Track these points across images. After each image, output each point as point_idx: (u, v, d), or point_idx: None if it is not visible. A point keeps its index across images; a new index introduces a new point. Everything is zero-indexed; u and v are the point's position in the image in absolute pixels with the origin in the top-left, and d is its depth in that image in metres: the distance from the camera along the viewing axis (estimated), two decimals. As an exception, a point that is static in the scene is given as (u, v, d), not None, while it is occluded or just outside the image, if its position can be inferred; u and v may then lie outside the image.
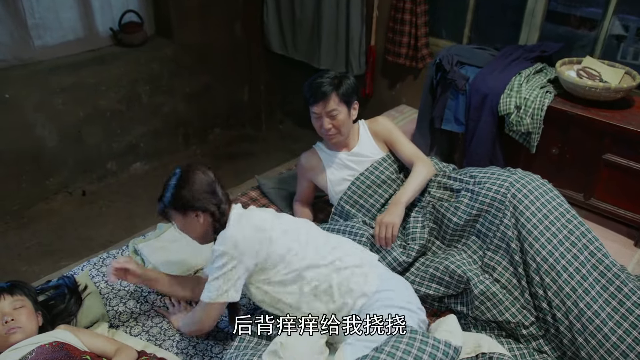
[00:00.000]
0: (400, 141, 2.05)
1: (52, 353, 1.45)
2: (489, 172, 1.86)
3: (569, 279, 1.60)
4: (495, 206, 1.76)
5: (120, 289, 1.88)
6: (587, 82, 2.11)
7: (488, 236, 1.79)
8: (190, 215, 1.63)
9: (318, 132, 2.06)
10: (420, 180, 1.93)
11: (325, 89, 1.94)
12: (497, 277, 1.74)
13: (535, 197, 1.73)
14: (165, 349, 1.66)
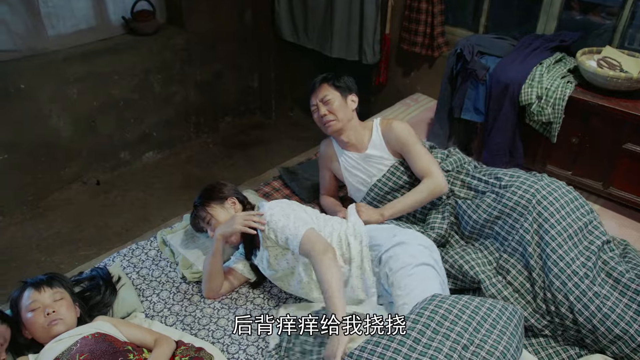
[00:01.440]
0: (413, 153, 1.98)
1: (96, 344, 1.49)
2: (515, 175, 1.86)
3: (592, 285, 1.63)
4: (518, 210, 1.77)
5: (152, 280, 1.92)
6: (608, 73, 2.13)
7: (507, 239, 1.81)
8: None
9: (319, 125, 2.11)
10: (417, 200, 1.93)
11: (317, 80, 2.09)
12: (511, 280, 1.75)
13: (561, 206, 1.74)
14: (201, 339, 1.70)
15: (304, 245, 1.67)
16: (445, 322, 1.36)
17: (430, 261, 1.64)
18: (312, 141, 4.10)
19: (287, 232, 1.72)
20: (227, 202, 1.93)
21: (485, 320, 1.40)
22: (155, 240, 2.12)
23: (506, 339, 1.38)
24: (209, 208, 1.89)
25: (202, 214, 1.90)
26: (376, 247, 1.73)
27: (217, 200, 1.92)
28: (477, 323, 1.38)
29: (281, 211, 1.78)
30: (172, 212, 3.32)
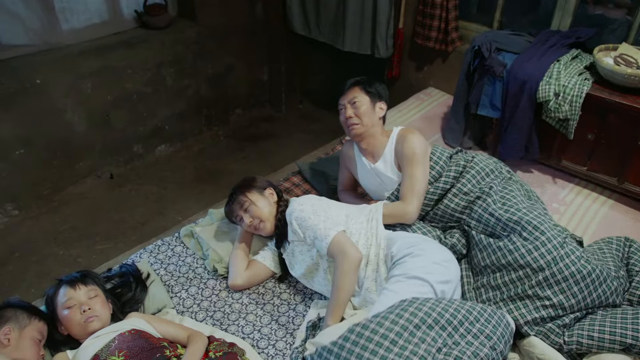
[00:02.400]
0: (408, 173, 1.94)
1: (133, 341, 1.53)
2: (539, 229, 1.73)
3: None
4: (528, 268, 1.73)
5: (180, 276, 1.96)
6: (626, 70, 2.15)
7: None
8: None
9: (344, 126, 2.10)
10: (384, 214, 1.91)
11: (349, 82, 2.08)
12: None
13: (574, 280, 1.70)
14: (231, 334, 1.74)
15: (333, 247, 1.72)
16: (422, 326, 1.42)
17: (428, 277, 1.62)
18: (322, 133, 4.13)
19: (316, 232, 1.75)
20: (265, 191, 1.98)
21: (462, 324, 1.46)
22: (179, 236, 2.15)
23: (481, 339, 1.44)
24: (249, 194, 1.94)
25: (241, 199, 1.93)
26: (391, 254, 1.76)
27: (256, 188, 1.97)
28: (452, 327, 1.45)
29: (311, 208, 1.81)
30: (186, 206, 3.37)
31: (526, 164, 2.57)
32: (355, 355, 1.36)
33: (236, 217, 1.96)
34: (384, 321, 1.41)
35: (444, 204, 1.97)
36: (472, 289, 1.80)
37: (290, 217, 1.85)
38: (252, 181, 2.02)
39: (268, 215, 1.92)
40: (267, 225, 1.90)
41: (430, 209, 2.00)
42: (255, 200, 1.93)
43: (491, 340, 1.44)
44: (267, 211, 1.93)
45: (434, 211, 1.99)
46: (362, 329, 1.40)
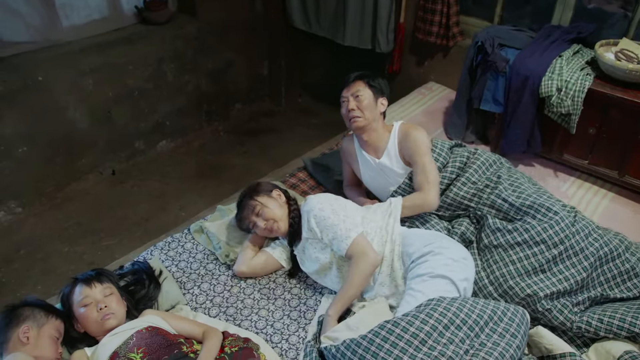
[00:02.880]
0: (418, 164, 1.98)
1: (150, 337, 1.55)
2: (552, 210, 1.83)
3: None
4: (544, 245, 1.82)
5: (192, 272, 1.98)
6: (627, 65, 2.19)
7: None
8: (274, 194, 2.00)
9: (345, 120, 2.12)
10: (406, 205, 1.95)
11: (353, 76, 2.10)
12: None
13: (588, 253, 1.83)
14: (245, 329, 1.77)
15: (353, 248, 1.74)
16: (451, 327, 1.46)
17: (452, 275, 1.65)
18: (322, 127, 4.16)
19: (337, 232, 1.77)
20: (273, 192, 2.00)
21: (487, 324, 1.51)
22: (188, 232, 2.17)
23: (507, 338, 1.48)
24: (258, 197, 1.95)
25: (252, 204, 1.94)
26: (408, 253, 1.79)
27: (264, 192, 1.99)
28: (479, 328, 1.49)
29: (330, 207, 1.82)
30: (189, 201, 3.38)
31: (528, 157, 2.61)
32: (385, 351, 1.40)
33: (249, 223, 1.96)
34: (415, 320, 1.44)
35: (453, 192, 2.01)
36: (480, 270, 1.85)
37: (308, 214, 1.86)
38: (257, 186, 2.03)
39: (281, 215, 1.94)
40: (281, 225, 1.92)
41: None
42: (266, 203, 1.95)
43: (516, 338, 1.49)
44: (279, 211, 1.95)
45: (443, 199, 2.03)
46: (393, 327, 1.44)
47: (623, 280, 1.85)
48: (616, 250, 1.85)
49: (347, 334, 1.61)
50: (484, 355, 1.45)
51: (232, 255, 2.01)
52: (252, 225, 1.96)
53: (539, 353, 1.68)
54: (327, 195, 1.93)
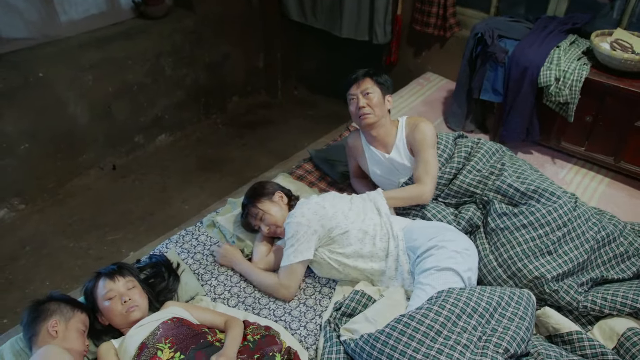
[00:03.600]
0: (421, 157, 2.05)
1: (176, 328, 1.60)
2: (555, 195, 1.92)
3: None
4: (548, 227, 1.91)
5: (208, 264, 2.03)
6: (623, 55, 2.27)
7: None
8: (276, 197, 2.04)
9: (354, 118, 2.16)
10: (402, 197, 2.03)
11: (359, 74, 2.13)
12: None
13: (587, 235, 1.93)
14: (264, 317, 1.83)
15: (283, 271, 1.86)
16: (463, 316, 1.55)
17: (457, 267, 1.72)
18: (319, 119, 4.21)
19: (287, 247, 1.85)
20: (274, 196, 2.04)
21: (496, 310, 1.60)
22: (201, 225, 2.21)
23: (517, 321, 1.58)
24: (260, 204, 2.00)
25: (253, 211, 2.00)
26: (413, 247, 1.85)
27: (265, 196, 2.03)
28: (489, 314, 1.58)
29: (298, 223, 1.84)
30: (191, 194, 3.42)
31: (526, 145, 2.69)
32: (403, 344, 1.47)
33: (254, 226, 2.05)
34: (429, 313, 1.52)
35: (459, 180, 2.08)
36: (488, 254, 1.92)
37: (287, 219, 1.91)
38: (260, 189, 2.07)
39: (282, 219, 1.99)
40: (282, 229, 1.97)
41: (445, 188, 2.11)
42: (268, 209, 2.00)
43: (525, 320, 1.57)
44: (280, 216, 1.99)
45: (450, 187, 2.10)
46: (409, 320, 1.51)
47: (617, 263, 1.94)
48: (612, 235, 1.94)
49: (366, 326, 1.68)
50: (496, 340, 1.53)
51: (247, 250, 2.06)
52: (257, 228, 2.04)
53: (546, 332, 1.77)
54: (311, 206, 1.90)
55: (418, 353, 1.47)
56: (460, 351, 1.48)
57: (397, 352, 1.49)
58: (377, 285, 1.90)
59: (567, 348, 1.70)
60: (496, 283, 1.88)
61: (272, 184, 2.12)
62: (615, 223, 2.02)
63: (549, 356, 1.60)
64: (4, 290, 2.75)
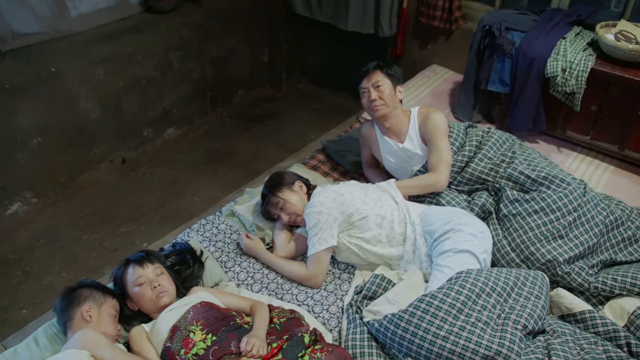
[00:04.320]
0: (434, 146, 2.11)
1: (206, 312, 1.66)
2: (565, 181, 1.99)
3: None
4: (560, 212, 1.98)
5: (230, 252, 2.08)
6: (628, 46, 2.34)
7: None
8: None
9: (367, 110, 2.22)
10: (415, 184, 2.11)
11: (369, 66, 2.18)
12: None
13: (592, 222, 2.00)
14: (287, 302, 1.89)
15: (311, 260, 1.91)
16: (482, 295, 1.62)
17: (473, 249, 1.80)
18: (324, 111, 4.26)
19: (311, 236, 1.91)
20: (294, 185, 2.10)
21: (512, 289, 1.68)
22: (220, 214, 2.27)
23: (533, 300, 1.66)
24: (280, 193, 2.05)
25: (274, 200, 2.05)
26: (430, 231, 1.92)
27: (285, 185, 2.08)
28: (507, 293, 1.66)
29: (319, 212, 1.90)
30: (201, 187, 3.47)
31: (532, 134, 2.77)
32: (427, 322, 1.55)
33: (274, 215, 2.10)
34: (450, 292, 1.59)
35: (471, 167, 2.15)
36: (501, 239, 1.99)
37: (306, 209, 1.97)
38: (280, 179, 2.12)
39: (302, 207, 2.04)
40: (302, 218, 2.03)
41: (458, 175, 2.18)
42: (288, 198, 2.05)
43: (540, 299, 1.65)
44: (300, 205, 2.05)
45: (462, 175, 2.17)
46: (432, 299, 1.58)
47: (625, 246, 2.02)
48: (620, 219, 2.02)
49: (388, 307, 1.75)
50: (515, 317, 1.61)
51: (268, 238, 2.11)
52: (277, 217, 2.10)
53: (559, 312, 1.84)
54: (327, 195, 1.96)
55: (441, 330, 1.54)
56: (481, 327, 1.55)
57: (421, 330, 1.55)
58: (396, 270, 1.97)
59: (580, 326, 1.77)
60: (510, 266, 1.95)
61: (291, 173, 2.18)
62: (623, 208, 2.10)
63: (564, 333, 1.68)
64: (22, 281, 2.79)
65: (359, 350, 1.66)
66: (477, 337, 1.53)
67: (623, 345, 1.69)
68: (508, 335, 1.55)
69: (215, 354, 1.53)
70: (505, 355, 1.51)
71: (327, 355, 1.55)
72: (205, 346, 1.55)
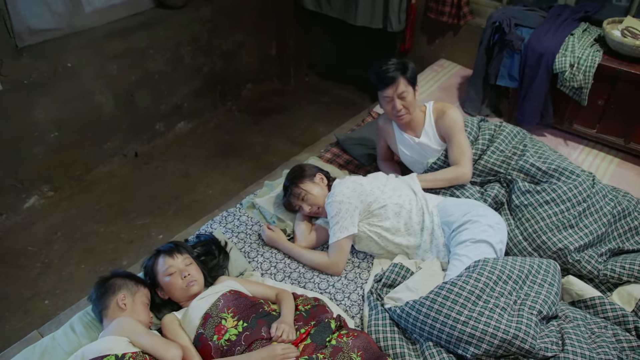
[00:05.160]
0: (454, 141, 2.18)
1: (235, 299, 1.74)
2: (575, 173, 2.09)
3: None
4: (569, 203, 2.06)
5: (252, 242, 2.16)
6: (635, 42, 2.42)
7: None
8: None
9: (389, 115, 2.26)
10: (442, 178, 2.18)
11: (393, 74, 2.12)
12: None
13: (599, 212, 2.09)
14: (310, 290, 1.97)
15: (332, 248, 2.00)
16: (499, 282, 1.71)
17: (490, 239, 1.88)
18: (332, 105, 4.33)
19: (332, 225, 2.00)
20: (315, 177, 2.17)
21: (527, 277, 1.77)
22: (241, 206, 2.34)
23: (546, 287, 1.75)
24: (302, 185, 2.13)
25: (296, 192, 2.13)
26: (449, 222, 2.00)
27: (307, 177, 2.16)
28: (522, 281, 1.75)
29: (340, 202, 1.99)
30: (214, 179, 3.54)
31: (540, 128, 2.85)
32: (447, 308, 1.63)
33: (295, 206, 2.18)
34: (469, 279, 1.68)
35: (483, 160, 2.23)
36: (514, 229, 2.08)
37: (328, 199, 2.06)
38: (301, 171, 2.20)
39: (323, 199, 2.12)
40: (325, 209, 2.10)
41: None
42: (310, 190, 2.13)
43: (553, 286, 1.74)
44: (321, 196, 2.13)
45: (475, 167, 2.25)
46: (452, 286, 1.66)
47: (632, 235, 2.11)
48: (627, 210, 2.11)
49: (408, 294, 1.83)
50: (530, 303, 1.70)
51: (289, 229, 2.19)
52: (299, 208, 2.17)
53: (570, 298, 1.93)
54: (347, 185, 2.04)
55: (461, 315, 1.62)
56: (499, 313, 1.63)
57: (442, 315, 1.64)
58: (413, 259, 2.05)
59: (590, 312, 1.86)
60: (522, 255, 2.03)
61: (311, 166, 2.25)
62: (630, 199, 2.19)
63: (575, 318, 1.77)
64: (42, 273, 2.86)
65: (382, 335, 1.75)
66: (495, 321, 1.61)
67: (631, 329, 1.78)
68: (524, 320, 1.63)
69: (247, 339, 1.61)
70: (522, 339, 1.59)
71: (354, 340, 1.63)
72: (237, 332, 1.63)
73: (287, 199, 2.19)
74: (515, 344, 1.59)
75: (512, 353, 1.61)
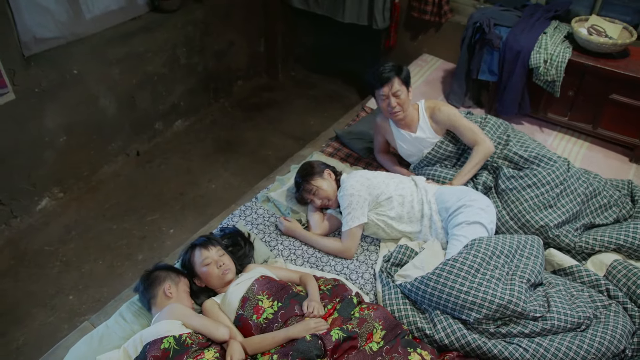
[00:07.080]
0: (462, 128, 2.44)
1: (267, 283, 1.97)
2: (552, 159, 2.37)
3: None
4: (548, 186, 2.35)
5: (271, 233, 2.39)
6: (599, 39, 2.72)
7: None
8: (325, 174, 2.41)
9: (385, 112, 2.52)
10: (476, 163, 2.42)
11: (389, 74, 2.39)
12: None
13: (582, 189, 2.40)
14: (327, 272, 2.23)
15: (345, 235, 2.24)
16: (493, 257, 2.00)
17: (483, 220, 2.16)
18: (320, 98, 4.56)
19: (345, 215, 2.24)
20: (324, 173, 2.41)
21: (516, 251, 2.07)
22: (257, 200, 2.57)
23: (532, 259, 2.06)
24: (313, 181, 2.37)
25: (308, 187, 2.37)
26: (445, 207, 2.28)
27: (317, 174, 2.40)
28: (512, 255, 2.05)
29: (350, 194, 2.23)
30: (216, 175, 3.74)
31: (518, 117, 3.15)
32: (452, 281, 1.91)
33: (307, 200, 2.42)
34: (468, 256, 1.96)
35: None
36: (501, 210, 2.37)
37: (340, 192, 2.30)
38: (311, 169, 2.43)
39: (333, 193, 2.38)
40: (333, 202, 2.37)
41: (461, 157, 2.54)
42: (320, 185, 2.37)
43: (538, 258, 2.05)
44: (331, 190, 2.38)
45: (464, 157, 2.53)
46: (454, 262, 1.95)
47: (602, 211, 2.44)
48: (597, 190, 2.43)
49: (416, 271, 2.11)
50: (520, 273, 2.00)
51: (303, 219, 2.44)
52: (310, 202, 2.42)
53: (551, 268, 2.25)
54: (357, 179, 2.29)
55: (463, 286, 1.91)
56: (495, 283, 1.93)
57: (447, 287, 1.92)
58: (416, 240, 2.33)
59: (569, 278, 2.18)
60: (509, 233, 2.33)
61: (319, 163, 2.49)
62: (599, 180, 2.51)
63: (557, 284, 2.08)
64: (63, 271, 3.03)
65: (396, 307, 2.02)
66: (492, 290, 1.90)
67: (603, 290, 2.10)
68: (516, 288, 1.93)
69: (283, 316, 1.86)
70: (515, 303, 1.89)
71: (375, 312, 1.90)
72: (273, 311, 1.88)
73: (300, 194, 2.43)
74: (510, 308, 1.88)
75: (507, 316, 1.91)
